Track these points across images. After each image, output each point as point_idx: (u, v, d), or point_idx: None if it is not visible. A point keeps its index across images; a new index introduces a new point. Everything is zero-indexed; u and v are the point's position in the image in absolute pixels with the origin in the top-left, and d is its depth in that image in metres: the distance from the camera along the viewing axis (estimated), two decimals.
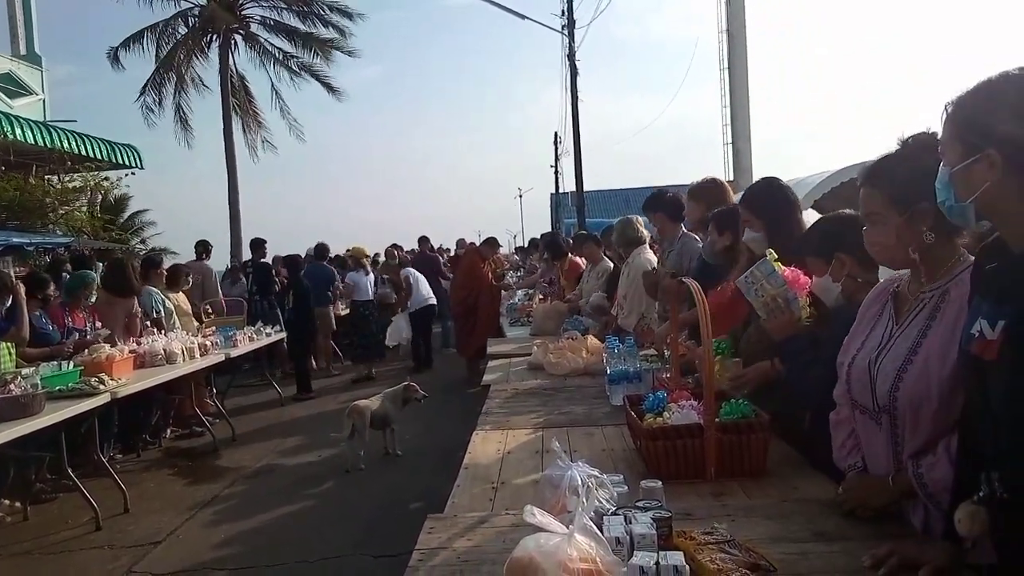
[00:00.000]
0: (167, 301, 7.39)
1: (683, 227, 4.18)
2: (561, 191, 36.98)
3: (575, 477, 1.65)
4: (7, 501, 5.10)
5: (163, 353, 5.99)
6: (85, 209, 13.00)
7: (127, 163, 13.47)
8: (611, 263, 6.17)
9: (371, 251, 13.05)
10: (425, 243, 13.61)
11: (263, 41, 21.09)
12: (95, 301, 6.37)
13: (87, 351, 5.43)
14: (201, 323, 8.03)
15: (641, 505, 1.59)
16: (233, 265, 13.56)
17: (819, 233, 2.29)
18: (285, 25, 21.08)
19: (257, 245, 10.92)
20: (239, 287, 10.82)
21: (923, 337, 1.60)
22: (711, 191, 3.68)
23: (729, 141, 14.91)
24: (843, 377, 1.81)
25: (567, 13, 17.67)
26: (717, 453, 2.10)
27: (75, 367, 5.05)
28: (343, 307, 10.99)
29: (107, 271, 7.09)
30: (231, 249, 18.70)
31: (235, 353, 7.17)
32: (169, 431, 7.17)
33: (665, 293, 3.98)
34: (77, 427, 4.83)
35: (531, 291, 9.18)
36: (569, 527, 1.36)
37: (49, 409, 4.34)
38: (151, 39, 19.62)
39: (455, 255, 14.25)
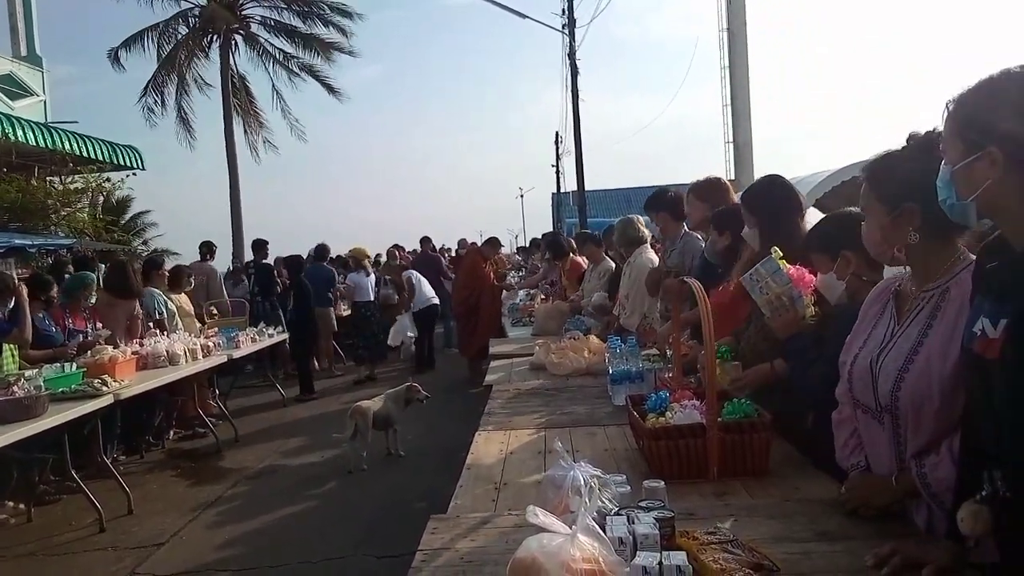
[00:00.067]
0: (169, 302, 7.41)
1: (685, 226, 4.18)
2: (562, 191, 36.96)
3: (578, 477, 1.65)
4: (11, 503, 5.12)
5: (166, 354, 6.01)
6: (87, 211, 12.99)
7: (128, 164, 13.48)
8: (612, 263, 6.17)
9: (372, 252, 13.07)
10: (427, 243, 13.60)
11: (263, 41, 21.17)
12: (96, 302, 6.37)
13: (90, 353, 5.44)
14: (204, 324, 8.05)
15: (644, 505, 1.59)
16: (235, 266, 13.57)
17: (825, 230, 2.29)
18: (285, 25, 21.14)
19: (259, 246, 10.94)
20: (241, 288, 10.82)
21: (924, 336, 1.60)
22: (713, 190, 3.67)
23: (730, 140, 14.89)
24: (845, 376, 1.81)
25: (567, 12, 17.64)
26: (720, 453, 2.10)
27: (78, 369, 5.06)
28: (344, 308, 10.98)
29: (108, 272, 7.11)
30: (233, 250, 18.70)
31: (238, 354, 7.19)
32: (172, 432, 7.19)
33: (667, 292, 3.99)
34: (80, 429, 4.84)
35: (533, 291, 9.17)
36: (572, 527, 1.36)
37: (52, 411, 4.36)
38: (151, 39, 19.71)
39: (457, 255, 14.25)
